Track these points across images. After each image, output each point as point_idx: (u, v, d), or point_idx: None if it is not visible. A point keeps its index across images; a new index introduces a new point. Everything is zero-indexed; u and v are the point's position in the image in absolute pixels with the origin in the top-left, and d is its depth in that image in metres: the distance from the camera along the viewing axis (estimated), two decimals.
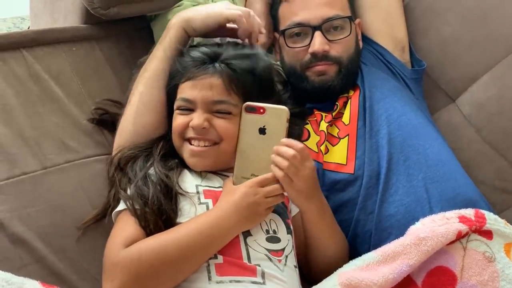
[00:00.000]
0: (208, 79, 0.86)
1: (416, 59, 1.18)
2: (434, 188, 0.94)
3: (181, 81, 0.89)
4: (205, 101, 0.86)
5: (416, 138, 0.99)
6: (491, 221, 0.87)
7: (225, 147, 0.87)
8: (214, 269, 0.79)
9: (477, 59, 1.14)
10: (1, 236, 0.85)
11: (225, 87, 0.86)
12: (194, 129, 0.86)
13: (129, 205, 0.83)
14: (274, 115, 0.83)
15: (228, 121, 0.87)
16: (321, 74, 1.04)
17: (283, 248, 0.85)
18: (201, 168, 0.89)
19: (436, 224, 0.85)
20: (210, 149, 0.87)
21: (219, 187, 0.87)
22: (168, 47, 0.94)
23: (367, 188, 0.97)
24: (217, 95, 0.86)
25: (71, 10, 1.18)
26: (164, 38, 0.95)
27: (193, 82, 0.87)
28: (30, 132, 0.97)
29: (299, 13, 1.05)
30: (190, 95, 0.87)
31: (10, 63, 1.02)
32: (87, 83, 1.08)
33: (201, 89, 0.86)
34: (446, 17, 1.17)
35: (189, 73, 0.88)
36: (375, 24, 1.15)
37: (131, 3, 1.11)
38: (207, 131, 0.86)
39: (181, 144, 0.89)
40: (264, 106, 0.84)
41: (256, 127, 0.84)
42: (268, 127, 0.84)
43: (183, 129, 0.88)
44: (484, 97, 1.12)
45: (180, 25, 0.94)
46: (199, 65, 0.88)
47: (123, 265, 0.76)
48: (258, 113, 0.84)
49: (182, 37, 0.94)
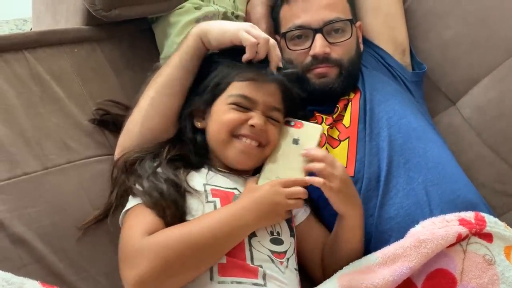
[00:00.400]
0: (270, 85, 0.91)
1: (416, 62, 1.18)
2: (434, 191, 0.93)
3: (238, 79, 0.90)
4: (267, 105, 0.90)
5: (417, 141, 0.99)
6: (491, 224, 0.87)
7: (267, 151, 0.91)
8: (217, 269, 0.79)
9: (478, 62, 1.14)
10: (1, 236, 0.85)
11: (281, 97, 0.92)
12: (255, 127, 0.87)
13: (145, 198, 0.83)
14: (309, 131, 0.91)
15: (276, 129, 0.92)
16: (322, 76, 1.05)
17: (285, 250, 0.85)
18: (244, 166, 0.91)
19: (436, 227, 0.85)
20: (258, 149, 0.89)
21: (227, 187, 0.88)
22: (184, 55, 0.93)
23: (367, 191, 0.97)
24: (277, 102, 0.91)
25: (73, 12, 1.18)
26: (182, 45, 0.95)
27: (256, 84, 0.90)
28: (31, 133, 0.97)
29: (300, 15, 1.05)
30: (253, 95, 0.89)
31: (12, 64, 1.02)
32: (88, 84, 1.08)
33: (265, 92, 0.90)
34: (446, 20, 1.18)
35: (250, 74, 0.90)
36: (375, 27, 1.15)
37: (133, 5, 1.11)
38: (262, 133, 0.88)
39: (228, 139, 0.89)
40: (302, 122, 0.93)
41: (291, 137, 0.91)
42: (301, 139, 0.91)
43: (238, 125, 0.88)
44: (484, 100, 1.12)
45: (199, 35, 0.93)
46: (260, 70, 0.90)
47: (150, 250, 0.76)
48: (296, 127, 0.92)
49: (199, 47, 0.94)
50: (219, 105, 0.91)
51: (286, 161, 0.89)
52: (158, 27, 1.18)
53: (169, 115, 0.93)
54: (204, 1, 1.17)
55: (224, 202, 0.84)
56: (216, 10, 1.15)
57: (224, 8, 1.16)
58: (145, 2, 1.12)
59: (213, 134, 0.91)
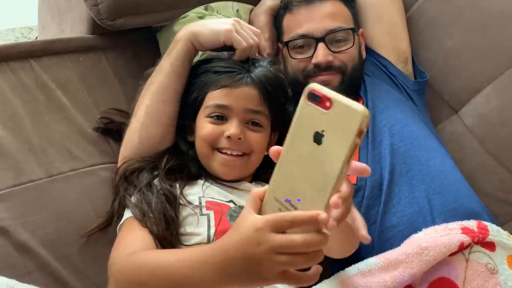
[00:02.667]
0: (244, 89, 0.87)
1: (419, 71, 1.18)
2: (436, 199, 0.93)
3: (212, 89, 0.88)
4: (242, 109, 0.87)
5: (419, 149, 0.99)
6: (494, 233, 0.87)
7: (254, 159, 0.89)
8: None
9: (480, 71, 1.14)
10: (6, 243, 0.85)
11: (260, 98, 0.88)
12: (231, 138, 0.85)
13: (134, 210, 0.83)
14: (343, 117, 0.51)
15: (259, 134, 0.89)
16: (325, 84, 1.03)
17: None
18: (232, 177, 0.89)
19: (438, 235, 0.85)
20: (241, 159, 0.88)
21: (222, 200, 0.86)
22: (175, 60, 0.93)
23: (369, 199, 0.97)
24: (255, 105, 0.87)
25: (78, 21, 1.19)
26: (172, 51, 0.94)
27: (229, 90, 0.87)
28: (36, 140, 0.97)
29: (303, 25, 1.06)
30: (226, 101, 0.87)
31: (18, 73, 1.03)
32: (93, 92, 1.09)
33: (238, 97, 0.87)
34: (449, 29, 1.18)
35: (223, 81, 0.88)
36: (378, 36, 1.16)
37: (137, 15, 1.12)
38: (241, 143, 0.87)
39: (209, 153, 0.88)
40: (335, 98, 0.51)
41: (311, 129, 0.52)
42: (328, 135, 0.51)
43: (215, 138, 0.87)
44: (487, 109, 1.12)
45: (188, 38, 0.92)
46: (233, 75, 0.88)
47: (118, 271, 0.74)
48: (322, 107, 0.51)
49: (189, 50, 0.93)
50: (199, 119, 0.90)
51: (301, 170, 0.52)
52: (162, 36, 1.19)
53: (166, 122, 0.93)
54: (208, 10, 1.17)
55: (218, 215, 0.83)
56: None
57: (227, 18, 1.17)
58: (149, 12, 1.13)
59: (197, 149, 0.91)
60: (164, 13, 1.14)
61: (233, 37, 0.90)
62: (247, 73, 0.89)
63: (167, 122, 0.93)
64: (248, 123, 0.88)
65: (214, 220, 0.83)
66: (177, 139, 0.94)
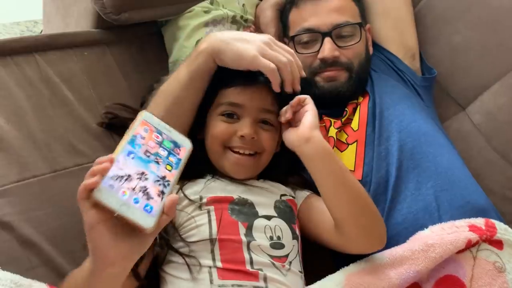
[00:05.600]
0: (258, 88, 0.87)
1: (426, 67, 1.17)
2: (443, 196, 0.92)
3: (224, 87, 0.88)
4: (255, 108, 0.87)
5: (426, 146, 0.98)
6: (502, 231, 0.86)
7: (264, 159, 0.89)
8: (216, 272, 0.79)
9: (488, 68, 1.13)
10: (10, 238, 0.85)
11: (274, 99, 0.88)
12: (245, 138, 0.85)
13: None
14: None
15: (271, 134, 0.89)
16: (331, 80, 1.04)
17: (287, 254, 0.84)
18: (242, 176, 0.89)
19: (445, 232, 0.84)
20: (252, 158, 0.88)
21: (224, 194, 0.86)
22: (194, 74, 0.88)
23: (374, 195, 0.96)
24: (268, 104, 0.88)
25: (83, 15, 1.19)
26: (192, 62, 0.88)
27: (242, 88, 0.86)
28: (40, 135, 0.97)
29: (309, 19, 1.05)
30: (240, 100, 0.86)
31: (23, 67, 1.03)
32: (97, 87, 1.08)
33: (251, 96, 0.86)
34: (457, 25, 1.17)
35: (236, 80, 0.87)
36: (385, 31, 1.15)
37: (142, 9, 1.12)
38: (254, 142, 0.87)
39: (221, 152, 0.88)
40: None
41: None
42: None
43: (228, 137, 0.87)
44: (494, 106, 1.11)
45: (211, 54, 0.86)
46: (246, 73, 0.86)
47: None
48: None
49: (210, 65, 0.88)
50: (211, 116, 0.90)
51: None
52: (167, 30, 1.18)
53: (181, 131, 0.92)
54: (214, 4, 1.17)
55: (218, 211, 0.83)
56: (225, 14, 1.15)
57: (233, 12, 1.17)
58: (154, 6, 1.13)
59: (208, 147, 0.90)
60: (169, 7, 1.14)
61: (259, 62, 0.83)
62: (261, 74, 0.87)
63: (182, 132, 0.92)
64: (260, 122, 0.88)
65: (215, 215, 0.83)
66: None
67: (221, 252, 0.80)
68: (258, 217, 0.85)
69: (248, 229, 0.83)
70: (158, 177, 0.63)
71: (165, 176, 0.63)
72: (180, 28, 1.15)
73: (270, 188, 0.92)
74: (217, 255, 0.80)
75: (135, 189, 0.60)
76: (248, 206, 0.86)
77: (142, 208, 0.60)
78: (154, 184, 0.62)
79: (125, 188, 0.60)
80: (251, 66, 0.84)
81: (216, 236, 0.81)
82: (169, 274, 0.82)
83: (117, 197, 0.59)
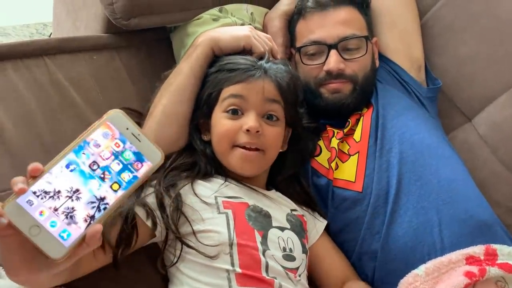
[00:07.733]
0: (260, 82, 0.89)
1: (431, 78, 1.17)
2: (445, 210, 0.91)
3: (227, 85, 0.89)
4: (259, 100, 0.88)
5: (429, 158, 0.97)
6: (504, 257, 0.85)
7: (270, 154, 0.90)
8: (235, 278, 0.79)
9: (494, 79, 1.13)
10: None
11: (277, 90, 0.90)
12: (250, 131, 0.86)
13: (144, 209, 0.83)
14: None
15: (276, 128, 0.90)
16: (335, 91, 1.04)
17: (297, 267, 0.85)
18: (249, 172, 0.90)
19: (440, 272, 0.84)
20: (259, 154, 0.88)
21: (239, 199, 0.87)
22: (194, 64, 0.94)
23: (374, 207, 0.95)
24: (272, 95, 0.89)
25: (93, 19, 1.20)
26: (191, 55, 0.95)
27: (245, 83, 0.88)
28: (48, 138, 0.98)
29: (316, 31, 1.05)
30: (242, 92, 0.88)
31: (33, 70, 1.03)
32: (106, 91, 1.09)
33: (256, 89, 0.88)
34: (463, 36, 1.17)
35: (238, 77, 0.89)
36: (391, 43, 1.15)
37: (152, 15, 1.13)
38: (259, 136, 0.87)
39: (228, 150, 0.89)
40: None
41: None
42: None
43: (233, 134, 0.88)
44: (501, 118, 1.11)
45: (209, 44, 0.95)
46: (248, 71, 0.89)
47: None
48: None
49: (209, 55, 0.95)
50: (215, 115, 0.91)
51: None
52: (176, 36, 1.19)
53: (182, 123, 0.93)
54: (222, 12, 1.17)
55: (235, 215, 0.83)
56: (234, 22, 1.16)
57: (241, 20, 1.17)
58: (163, 12, 1.13)
59: (215, 146, 0.91)
60: (179, 13, 1.15)
61: (253, 42, 0.95)
62: (262, 69, 0.90)
63: (183, 123, 0.94)
64: (264, 116, 0.89)
65: (234, 220, 0.83)
66: (193, 139, 0.94)
67: (239, 257, 0.80)
68: (272, 227, 0.86)
69: (264, 238, 0.83)
70: (95, 197, 0.54)
71: (104, 198, 0.54)
72: (189, 35, 1.16)
73: (281, 201, 0.93)
74: (235, 259, 0.80)
75: (57, 210, 0.52)
76: (263, 215, 0.87)
77: (57, 234, 0.52)
78: (86, 206, 0.53)
79: (45, 208, 0.52)
80: (246, 44, 0.95)
81: (235, 241, 0.81)
82: (186, 275, 0.81)
83: (29, 216, 0.51)
